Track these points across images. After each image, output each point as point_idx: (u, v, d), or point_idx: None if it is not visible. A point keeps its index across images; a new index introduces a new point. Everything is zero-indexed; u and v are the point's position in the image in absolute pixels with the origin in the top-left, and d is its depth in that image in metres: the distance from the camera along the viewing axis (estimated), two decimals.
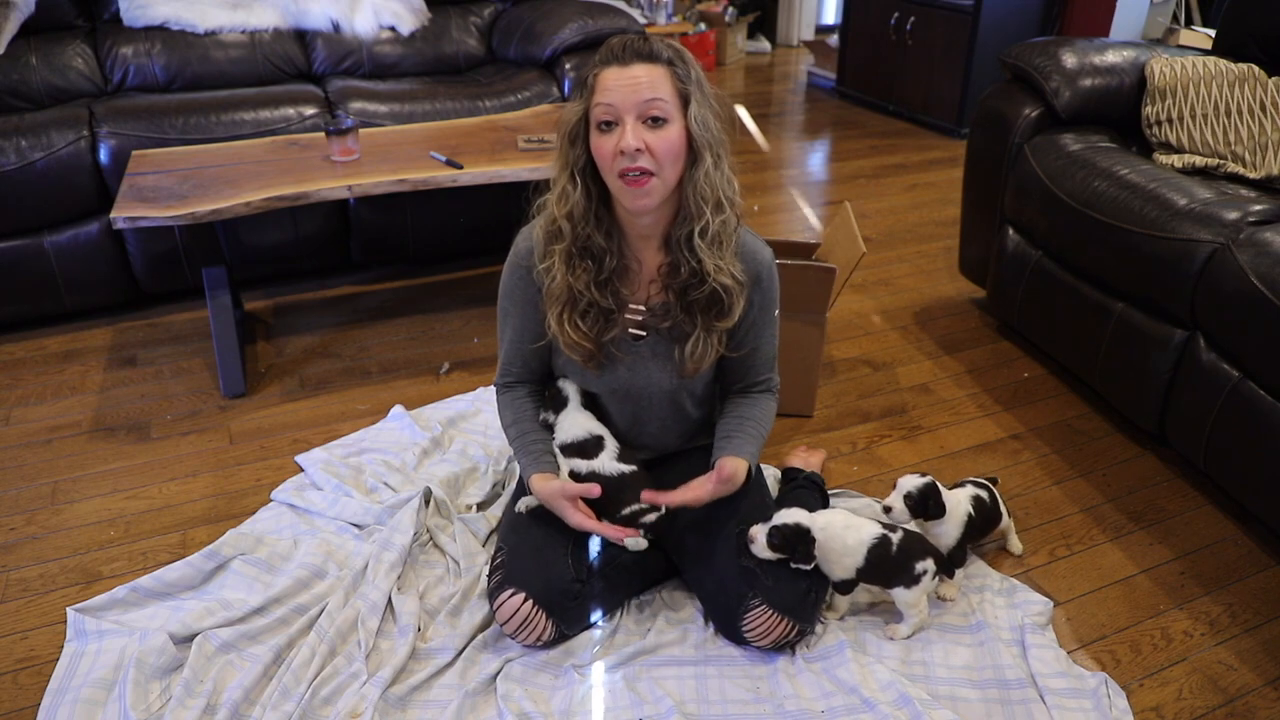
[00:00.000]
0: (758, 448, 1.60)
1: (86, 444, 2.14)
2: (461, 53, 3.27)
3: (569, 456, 1.57)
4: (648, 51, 1.37)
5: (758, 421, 1.61)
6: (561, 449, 1.58)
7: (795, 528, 1.51)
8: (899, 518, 1.62)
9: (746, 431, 1.59)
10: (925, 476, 1.64)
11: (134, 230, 2.57)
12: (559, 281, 1.48)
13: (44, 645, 1.59)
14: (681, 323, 1.52)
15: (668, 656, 1.55)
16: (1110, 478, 2.04)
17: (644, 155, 1.36)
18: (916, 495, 1.62)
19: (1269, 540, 1.85)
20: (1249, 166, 2.22)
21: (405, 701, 1.46)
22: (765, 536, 1.51)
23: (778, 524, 1.51)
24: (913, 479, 1.64)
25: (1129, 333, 2.06)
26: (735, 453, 1.55)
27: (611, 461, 1.56)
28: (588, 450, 1.56)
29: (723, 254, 1.46)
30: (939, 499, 1.62)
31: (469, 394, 2.30)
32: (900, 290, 2.92)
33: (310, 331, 2.64)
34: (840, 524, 1.55)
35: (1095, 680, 1.49)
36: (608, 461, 1.56)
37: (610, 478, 1.54)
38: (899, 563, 1.54)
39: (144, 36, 2.95)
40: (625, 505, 1.53)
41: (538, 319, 1.55)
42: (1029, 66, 2.42)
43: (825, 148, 4.44)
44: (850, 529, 1.55)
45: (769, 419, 1.64)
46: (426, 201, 2.82)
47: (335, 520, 1.85)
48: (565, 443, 1.58)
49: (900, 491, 1.63)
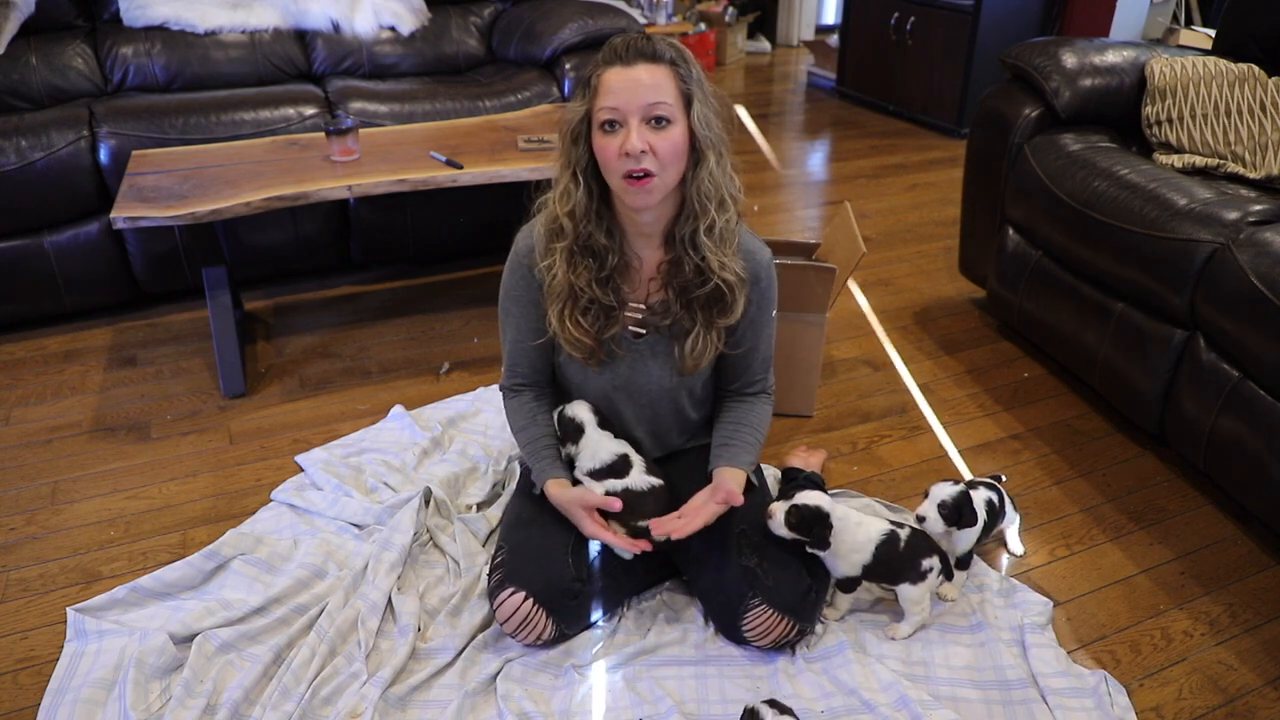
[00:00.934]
0: (755, 455, 1.61)
1: (86, 444, 2.14)
2: (461, 53, 3.27)
3: (601, 479, 1.55)
4: (651, 51, 1.37)
5: (754, 427, 1.62)
6: (592, 475, 1.56)
7: (815, 510, 1.50)
8: (933, 527, 1.59)
9: (744, 439, 1.60)
10: (957, 484, 1.61)
11: (134, 230, 2.57)
12: (560, 279, 1.48)
13: (44, 645, 1.59)
14: (681, 319, 1.52)
15: (668, 656, 1.55)
16: (1110, 478, 2.04)
17: (648, 156, 1.36)
18: (951, 504, 1.58)
19: (1269, 540, 1.85)
20: (1249, 166, 2.22)
21: (405, 701, 1.46)
22: (784, 514, 1.50)
23: (798, 503, 1.51)
24: (946, 487, 1.60)
25: (1129, 333, 2.06)
26: (733, 463, 1.56)
27: (642, 476, 1.55)
28: (619, 470, 1.55)
29: (726, 251, 1.47)
30: (972, 507, 1.60)
31: (469, 394, 2.30)
32: (900, 290, 2.91)
33: (310, 331, 2.64)
34: (854, 520, 1.55)
35: (1095, 678, 1.49)
36: (639, 477, 1.55)
37: (642, 492, 1.54)
38: (906, 559, 1.54)
39: (144, 36, 2.95)
40: (644, 516, 1.54)
41: (539, 317, 1.56)
42: (1029, 66, 2.42)
43: (825, 148, 4.44)
44: (861, 525, 1.55)
45: (765, 423, 1.65)
46: (426, 201, 2.81)
47: (335, 520, 1.85)
48: (595, 469, 1.55)
49: (933, 500, 1.59)
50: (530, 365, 1.63)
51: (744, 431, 1.61)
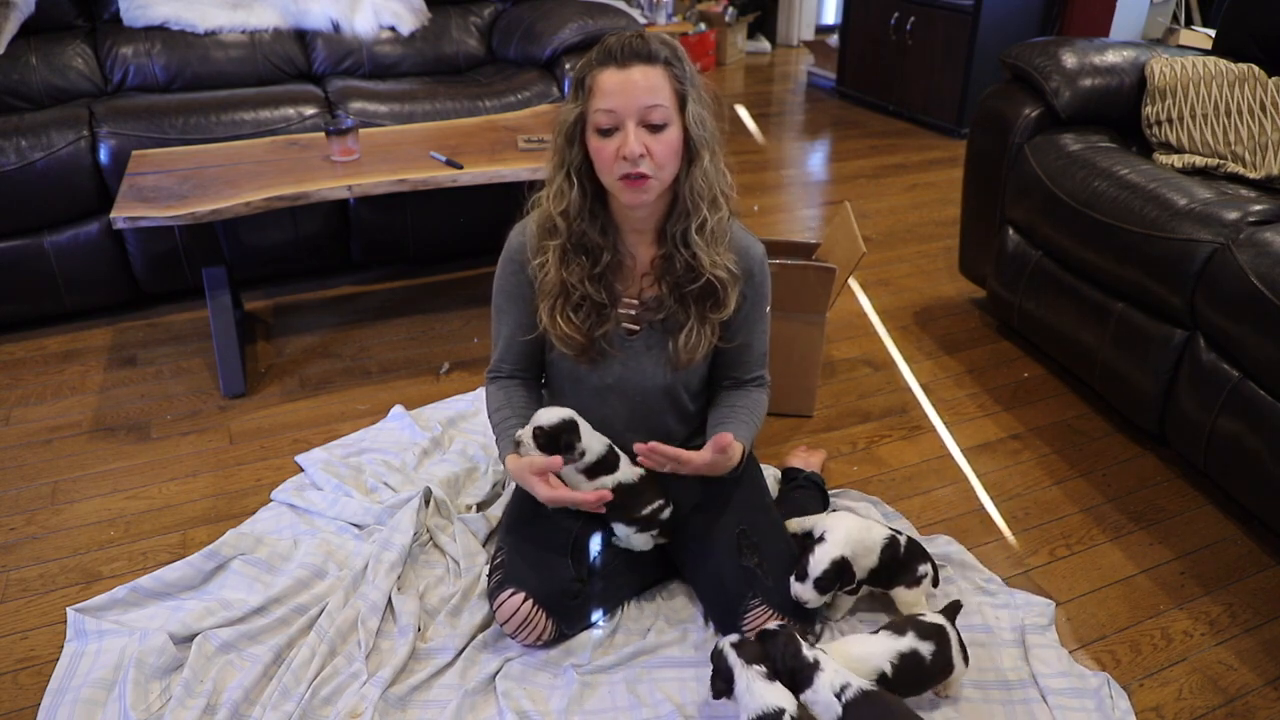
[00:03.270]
0: (751, 433, 1.59)
1: (86, 444, 2.14)
2: (461, 53, 3.27)
3: (595, 476, 1.53)
4: (646, 52, 1.37)
5: (750, 410, 1.61)
6: (586, 473, 1.53)
7: (840, 562, 1.49)
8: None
9: (739, 418, 1.59)
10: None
11: (134, 230, 2.57)
12: (552, 276, 1.48)
13: (44, 645, 1.59)
14: (675, 314, 1.52)
15: (668, 657, 1.55)
16: (1110, 478, 2.04)
17: (645, 160, 1.36)
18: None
19: (1269, 540, 1.85)
20: (1249, 166, 2.22)
21: (405, 701, 1.46)
22: (812, 586, 1.47)
23: (819, 574, 1.47)
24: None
25: (1129, 333, 2.06)
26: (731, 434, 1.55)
27: (629, 467, 1.55)
28: (610, 463, 1.54)
29: (718, 248, 1.47)
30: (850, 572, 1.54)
31: (469, 394, 2.30)
32: (900, 290, 2.91)
33: (310, 331, 2.64)
34: (858, 527, 1.56)
35: (1098, 680, 1.49)
36: (627, 468, 1.55)
37: (633, 484, 1.54)
38: (905, 563, 1.57)
39: (144, 36, 2.95)
40: (644, 506, 1.54)
41: (531, 313, 1.55)
42: (1029, 66, 2.42)
43: (825, 148, 4.44)
44: (867, 530, 1.56)
45: (761, 410, 1.64)
46: (426, 201, 2.81)
47: (335, 520, 1.85)
48: (589, 464, 1.53)
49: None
50: (517, 359, 1.62)
51: (740, 412, 1.60)
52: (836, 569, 1.49)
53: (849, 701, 1.28)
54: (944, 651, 1.41)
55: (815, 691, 1.30)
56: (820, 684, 1.30)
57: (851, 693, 1.29)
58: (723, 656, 1.35)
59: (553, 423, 1.48)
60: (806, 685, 1.31)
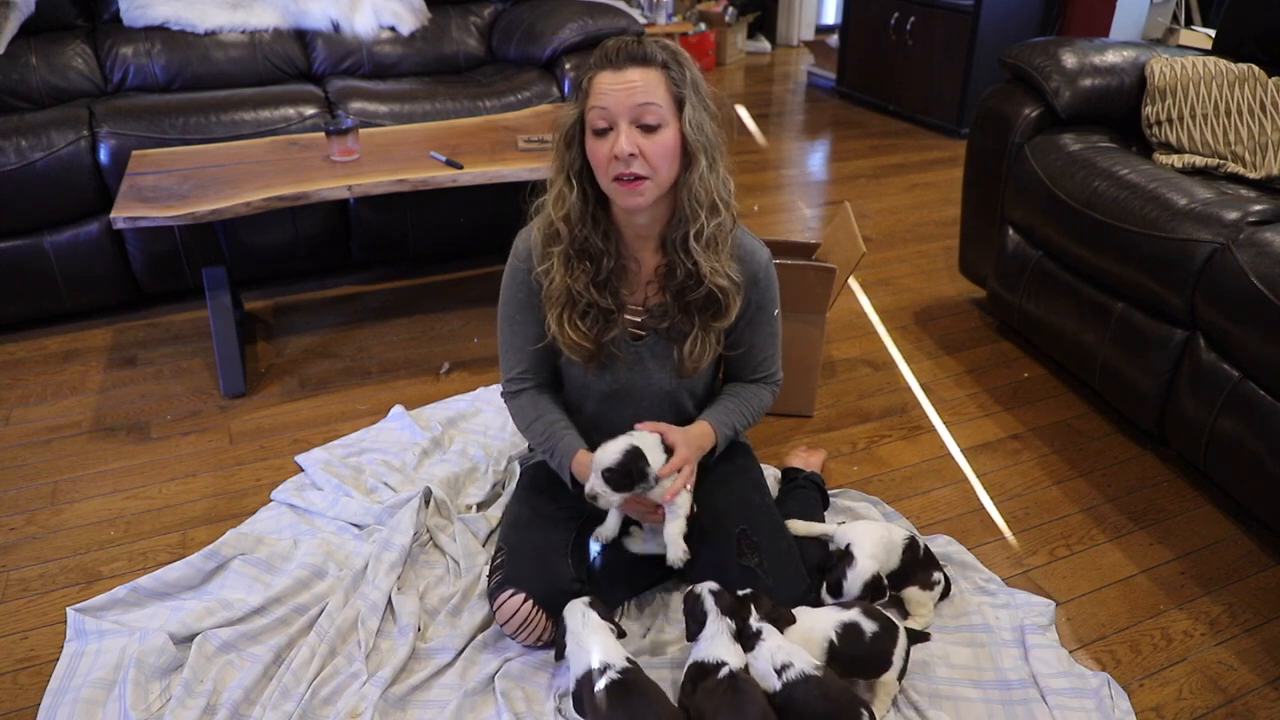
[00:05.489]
0: (734, 420, 1.61)
1: (86, 444, 2.14)
2: (461, 53, 3.27)
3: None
4: (641, 54, 1.36)
5: (742, 400, 1.63)
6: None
7: (874, 581, 1.54)
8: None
9: (725, 405, 1.62)
10: None
11: (134, 230, 2.57)
12: (558, 283, 1.48)
13: (44, 645, 1.59)
14: (679, 323, 1.52)
15: (668, 657, 1.55)
16: (1110, 478, 2.04)
17: (638, 160, 1.36)
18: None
19: (1269, 540, 1.85)
20: (1249, 166, 2.22)
21: (405, 701, 1.46)
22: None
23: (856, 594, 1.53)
24: None
25: (1129, 333, 2.06)
26: (708, 417, 1.59)
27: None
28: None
29: (718, 256, 1.46)
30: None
31: (469, 394, 2.30)
32: (900, 290, 2.91)
33: (310, 331, 2.64)
34: (880, 534, 1.60)
35: (1098, 680, 1.49)
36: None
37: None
38: (924, 564, 1.62)
39: (144, 36, 2.95)
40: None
41: (539, 321, 1.55)
42: (1029, 66, 2.42)
43: (825, 148, 4.44)
44: (888, 534, 1.61)
45: (756, 402, 1.65)
46: (426, 201, 2.81)
47: (335, 520, 1.85)
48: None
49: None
50: (530, 367, 1.62)
51: (727, 400, 1.63)
52: (871, 588, 1.54)
53: (790, 680, 1.32)
54: (886, 640, 1.42)
55: (755, 658, 1.37)
56: (760, 653, 1.36)
57: (793, 673, 1.33)
58: (699, 601, 1.40)
59: (618, 460, 1.43)
60: (749, 650, 1.38)
